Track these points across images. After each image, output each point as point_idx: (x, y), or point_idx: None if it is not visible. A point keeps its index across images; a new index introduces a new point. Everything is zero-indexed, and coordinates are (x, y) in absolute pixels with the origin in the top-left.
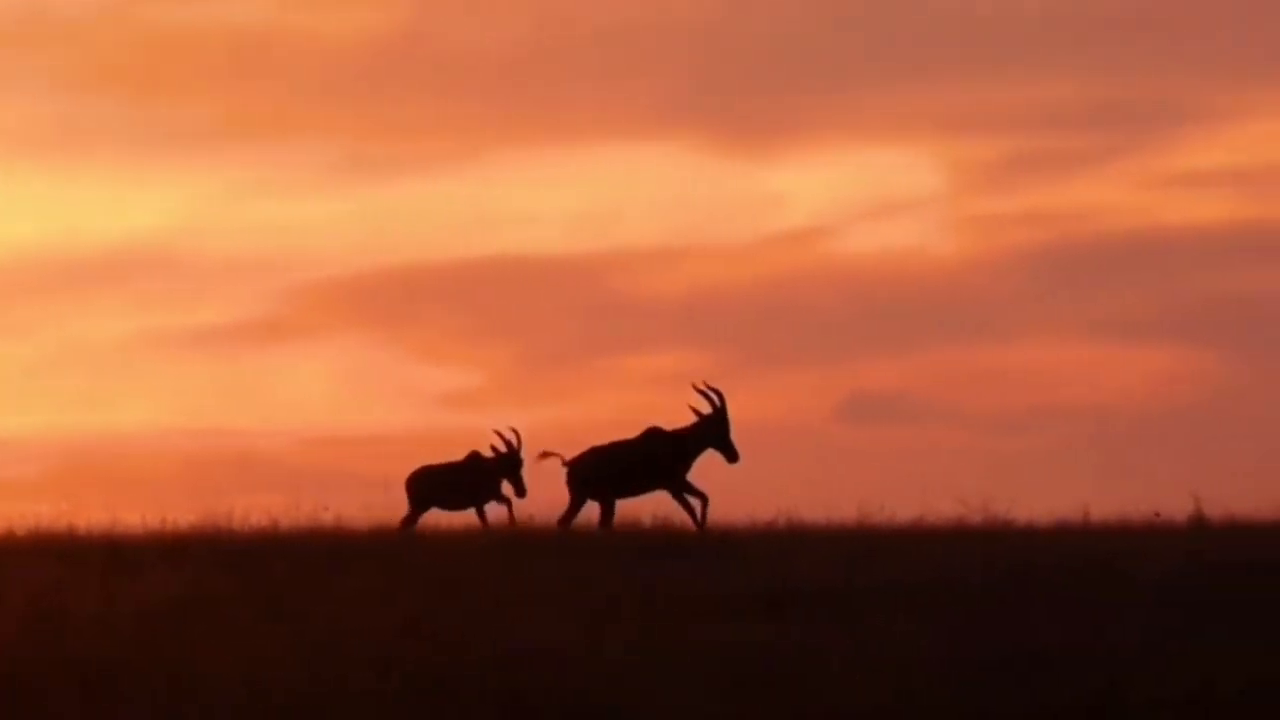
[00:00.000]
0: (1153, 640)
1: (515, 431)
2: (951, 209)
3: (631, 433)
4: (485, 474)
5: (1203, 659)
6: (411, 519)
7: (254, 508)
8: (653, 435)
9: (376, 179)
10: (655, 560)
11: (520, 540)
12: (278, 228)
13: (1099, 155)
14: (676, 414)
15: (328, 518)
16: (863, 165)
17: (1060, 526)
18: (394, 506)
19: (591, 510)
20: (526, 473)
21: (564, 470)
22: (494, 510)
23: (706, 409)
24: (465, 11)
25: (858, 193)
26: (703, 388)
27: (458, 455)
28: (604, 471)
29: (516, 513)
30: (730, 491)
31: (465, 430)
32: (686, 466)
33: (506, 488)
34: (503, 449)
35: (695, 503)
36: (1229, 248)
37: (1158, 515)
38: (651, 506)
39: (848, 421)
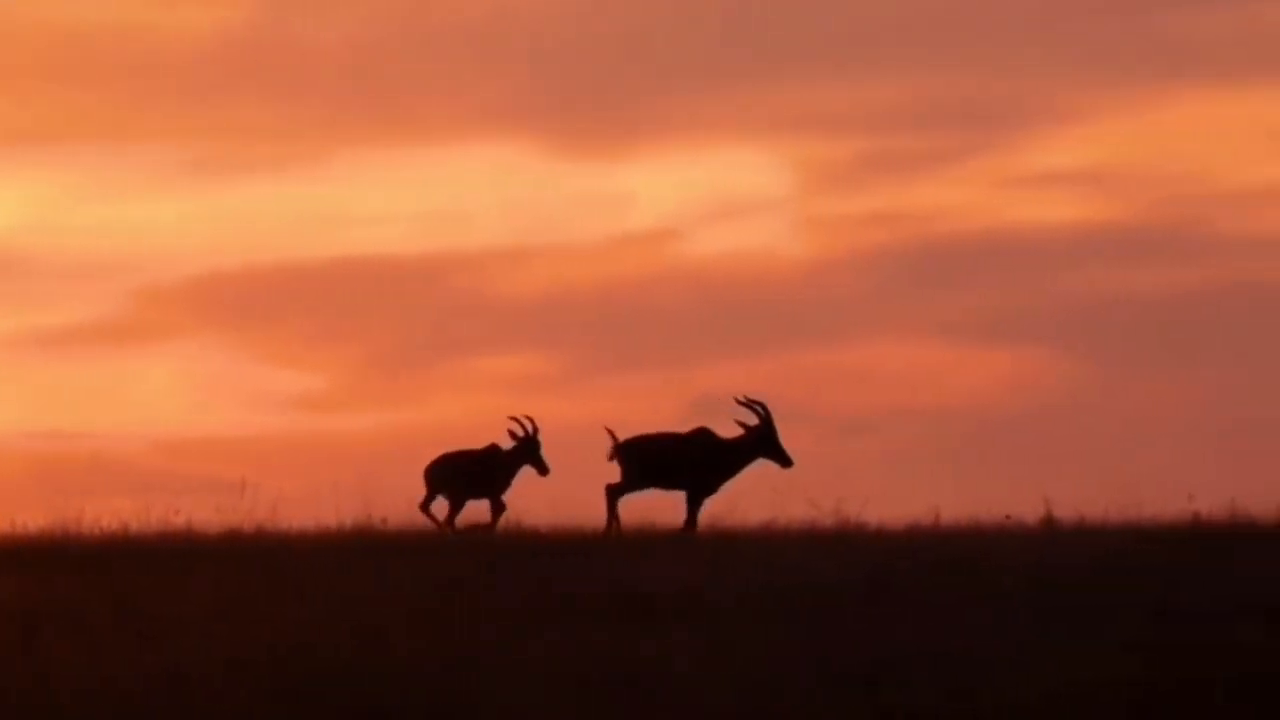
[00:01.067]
0: (1006, 642)
1: (530, 419)
2: (800, 210)
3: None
4: (503, 464)
5: (1054, 660)
6: (428, 504)
7: (104, 511)
8: (700, 433)
9: (222, 180)
10: (506, 563)
11: (375, 543)
12: (124, 229)
13: (948, 155)
14: (527, 412)
15: (179, 521)
16: (711, 166)
17: (912, 528)
18: (245, 509)
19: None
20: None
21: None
22: (478, 511)
23: (753, 421)
24: (310, 11)
25: (706, 193)
26: (745, 400)
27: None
28: (645, 456)
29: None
30: (580, 495)
31: (317, 433)
32: (726, 475)
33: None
34: (520, 434)
35: (698, 514)
36: (1079, 249)
37: (1008, 518)
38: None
39: (697, 423)
